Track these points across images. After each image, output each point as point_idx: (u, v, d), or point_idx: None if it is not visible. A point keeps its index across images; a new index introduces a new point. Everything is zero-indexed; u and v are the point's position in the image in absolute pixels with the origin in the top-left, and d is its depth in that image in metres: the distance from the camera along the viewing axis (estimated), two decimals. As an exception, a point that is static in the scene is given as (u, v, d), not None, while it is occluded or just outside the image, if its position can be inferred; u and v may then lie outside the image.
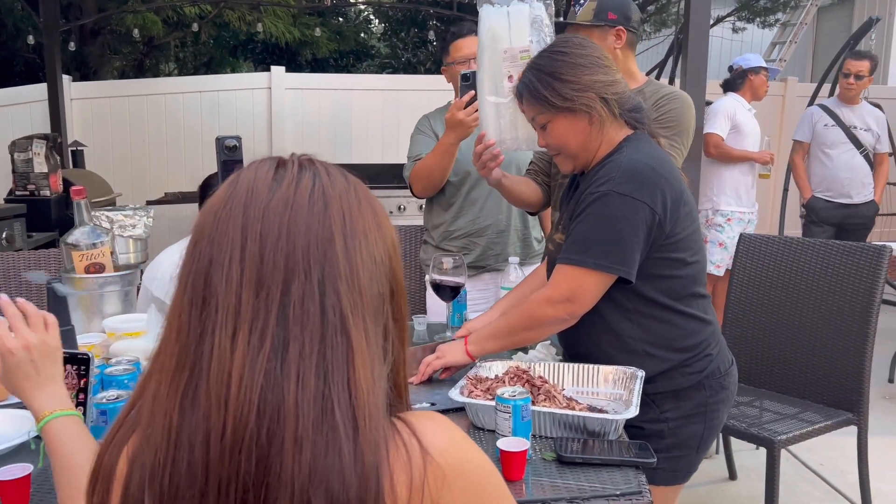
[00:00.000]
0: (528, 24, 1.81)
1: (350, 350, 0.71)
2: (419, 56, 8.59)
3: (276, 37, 7.13)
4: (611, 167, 1.46)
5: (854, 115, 4.49)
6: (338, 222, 0.74)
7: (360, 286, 0.73)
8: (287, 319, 0.70)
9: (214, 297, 0.72)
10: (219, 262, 0.73)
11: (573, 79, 1.48)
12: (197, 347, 0.72)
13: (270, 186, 0.75)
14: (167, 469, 0.70)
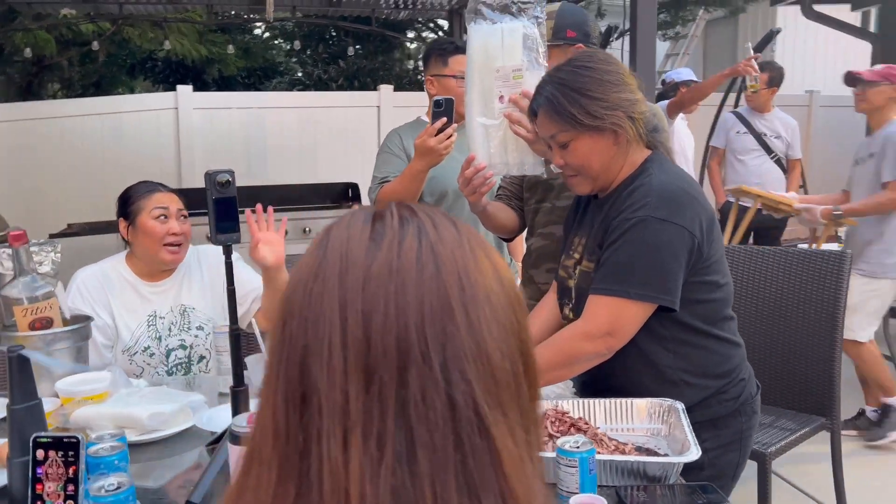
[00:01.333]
0: (522, 43, 1.71)
1: (495, 453, 0.55)
2: (330, 73, 8.39)
3: (181, 55, 6.76)
4: (644, 191, 1.38)
5: (765, 123, 4.67)
6: (454, 288, 0.58)
7: (491, 366, 0.57)
8: (408, 418, 0.54)
9: (316, 394, 0.56)
10: (316, 348, 0.56)
11: (602, 96, 1.39)
12: (302, 459, 0.56)
13: (368, 249, 0.58)
14: None
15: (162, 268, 2.08)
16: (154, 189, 2.11)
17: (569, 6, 2.01)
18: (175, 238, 2.04)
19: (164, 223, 2.03)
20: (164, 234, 2.02)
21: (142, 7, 5.45)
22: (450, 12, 5.85)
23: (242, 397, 1.31)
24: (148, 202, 2.05)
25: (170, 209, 2.05)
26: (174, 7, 5.52)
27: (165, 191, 2.12)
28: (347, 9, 5.71)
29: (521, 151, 1.75)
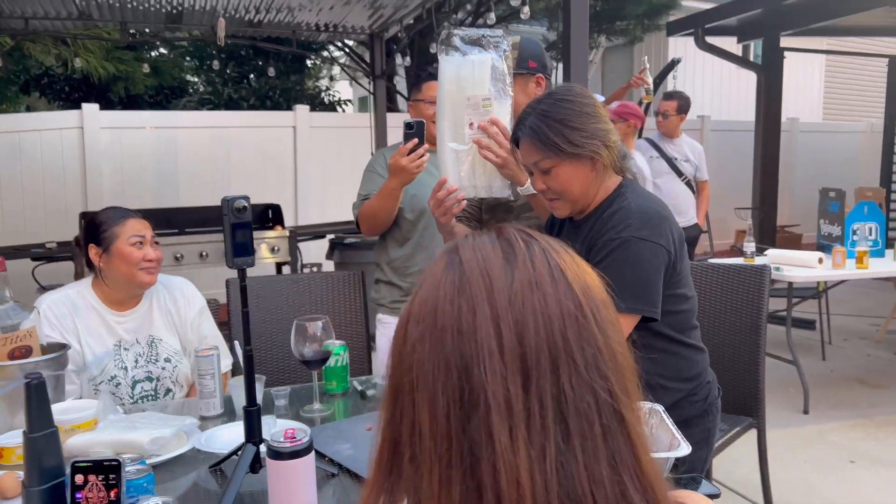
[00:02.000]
0: (490, 75, 1.82)
1: (628, 433, 0.66)
2: (241, 92, 8.26)
3: (87, 72, 6.50)
4: (624, 213, 1.51)
5: (674, 148, 5.02)
6: (582, 297, 0.69)
7: (616, 360, 0.68)
8: (563, 411, 0.63)
9: (481, 395, 0.64)
10: (475, 356, 0.64)
11: (581, 126, 1.52)
12: (470, 451, 0.64)
13: (505, 267, 0.68)
14: None
15: (135, 293, 2.07)
16: (126, 215, 2.08)
17: (528, 40, 2.15)
18: (150, 264, 2.03)
19: (140, 249, 2.02)
20: (141, 260, 2.02)
21: (49, 23, 5.20)
22: (370, 36, 5.94)
23: (256, 416, 1.33)
24: (123, 229, 2.03)
25: (146, 237, 2.05)
26: (84, 24, 5.32)
27: (137, 217, 2.11)
28: (268, 30, 5.68)
29: (490, 175, 1.85)
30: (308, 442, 1.14)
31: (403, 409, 0.68)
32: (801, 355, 4.25)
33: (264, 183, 6.96)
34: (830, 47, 11.04)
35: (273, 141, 7.16)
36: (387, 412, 0.70)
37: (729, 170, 8.98)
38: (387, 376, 0.71)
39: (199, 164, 6.91)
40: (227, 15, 5.32)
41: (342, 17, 5.57)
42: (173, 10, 5.12)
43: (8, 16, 4.99)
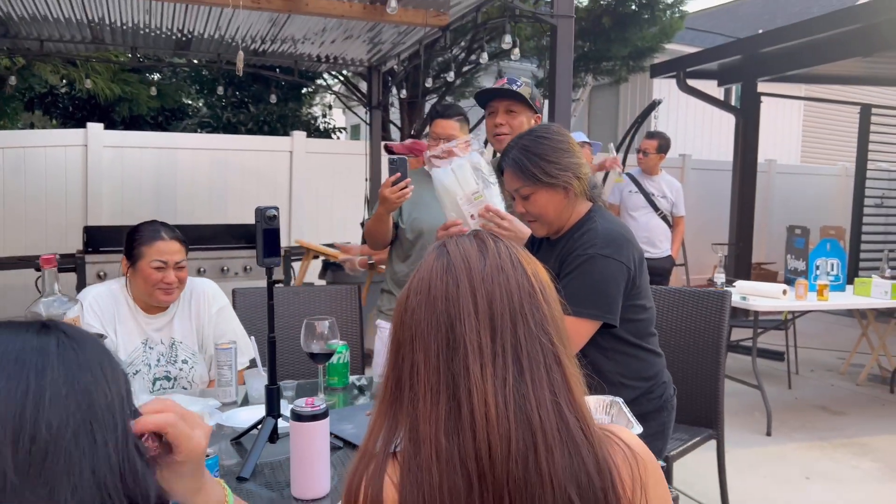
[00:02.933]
0: (472, 172, 2.13)
1: (565, 373, 0.93)
2: (240, 116, 8.54)
3: (93, 92, 6.75)
4: (591, 234, 1.77)
5: (653, 184, 5.32)
6: (532, 278, 0.96)
7: (555, 321, 0.96)
8: (519, 356, 0.91)
9: (461, 342, 0.90)
10: (458, 315, 0.91)
11: (556, 160, 1.79)
12: (453, 380, 0.89)
13: (479, 256, 0.96)
14: (444, 487, 0.86)
15: (157, 304, 2.24)
16: (156, 237, 2.18)
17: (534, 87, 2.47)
18: (168, 286, 2.17)
19: (160, 272, 2.15)
20: (159, 282, 2.15)
21: (62, 45, 5.46)
22: (368, 68, 6.24)
23: (276, 393, 1.57)
24: (150, 250, 2.15)
25: (168, 262, 2.16)
26: (96, 47, 5.58)
27: (169, 238, 2.20)
28: (272, 59, 5.97)
29: None
30: (325, 408, 1.37)
31: (404, 355, 0.93)
32: (769, 384, 4.52)
33: (260, 204, 7.19)
34: (808, 93, 11.53)
35: (269, 165, 7.42)
36: (391, 360, 0.95)
37: (708, 207, 9.33)
38: (391, 334, 0.97)
39: (197, 185, 7.14)
40: (234, 44, 5.60)
41: (343, 51, 5.88)
42: (183, 37, 5.40)
43: (24, 37, 5.25)
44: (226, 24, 5.04)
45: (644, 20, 8.26)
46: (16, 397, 0.65)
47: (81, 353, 0.71)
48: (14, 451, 0.63)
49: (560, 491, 0.87)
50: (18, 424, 0.64)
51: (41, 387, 0.66)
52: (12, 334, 0.70)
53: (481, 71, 9.68)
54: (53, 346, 0.70)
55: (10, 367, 0.66)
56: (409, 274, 2.97)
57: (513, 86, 2.36)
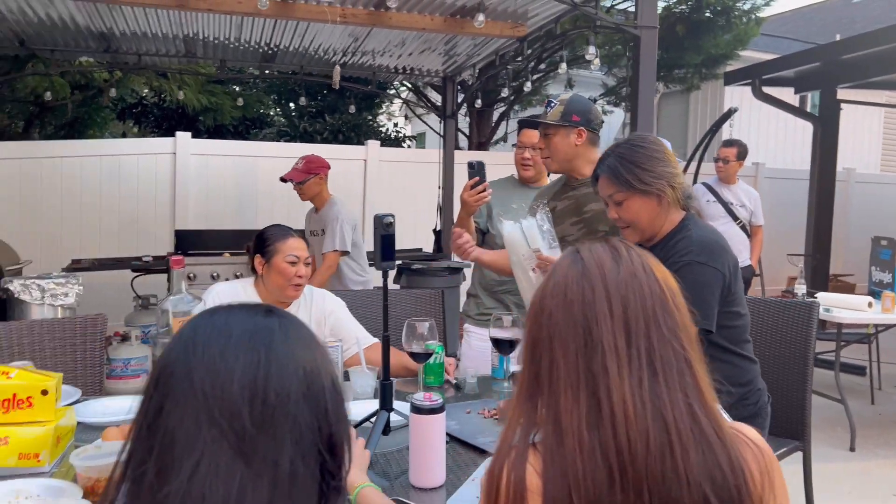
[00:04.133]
0: (538, 232, 2.27)
1: (696, 377, 1.00)
2: (315, 126, 8.81)
3: (183, 103, 7.10)
4: (687, 242, 1.83)
5: (731, 193, 5.28)
6: (663, 284, 1.04)
7: (686, 329, 1.03)
8: (653, 359, 0.98)
9: (599, 344, 0.98)
10: (594, 319, 0.99)
11: (650, 168, 1.85)
12: (592, 379, 0.97)
13: (613, 263, 1.03)
14: (588, 478, 0.93)
15: (285, 299, 2.41)
16: (287, 235, 2.42)
17: (578, 97, 2.50)
18: (300, 280, 2.37)
19: (294, 266, 2.36)
20: (293, 276, 2.36)
21: (157, 59, 5.78)
22: (443, 79, 6.37)
23: (389, 388, 1.68)
24: (283, 246, 2.37)
25: (300, 257, 2.38)
26: (188, 60, 5.88)
27: (296, 237, 2.44)
28: (351, 71, 6.16)
29: None
30: (441, 403, 1.47)
31: (542, 354, 1.02)
32: (851, 398, 4.42)
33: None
34: (890, 100, 11.15)
35: (344, 172, 7.63)
36: (528, 357, 1.04)
37: (781, 216, 9.12)
38: (526, 333, 1.06)
39: (276, 191, 7.39)
40: (315, 56, 5.82)
41: (419, 62, 6.03)
42: (269, 50, 5.64)
43: (124, 52, 5.57)
44: (310, 38, 5.25)
45: (719, 27, 8.17)
46: (251, 368, 0.79)
47: (299, 334, 0.84)
48: (250, 410, 0.77)
49: (696, 488, 0.93)
50: (253, 390, 0.78)
51: (269, 361, 0.80)
52: (245, 315, 0.84)
53: (550, 79, 9.73)
54: (276, 326, 0.83)
55: (245, 342, 0.80)
56: (500, 280, 3.08)
57: (547, 108, 2.41)
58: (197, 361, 0.79)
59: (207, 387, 0.77)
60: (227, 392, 0.77)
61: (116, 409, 1.93)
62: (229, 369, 0.78)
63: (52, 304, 4.37)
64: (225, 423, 0.76)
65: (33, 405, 1.56)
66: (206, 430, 0.76)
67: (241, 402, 0.77)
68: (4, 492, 1.32)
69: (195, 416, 0.76)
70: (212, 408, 0.76)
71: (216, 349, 0.79)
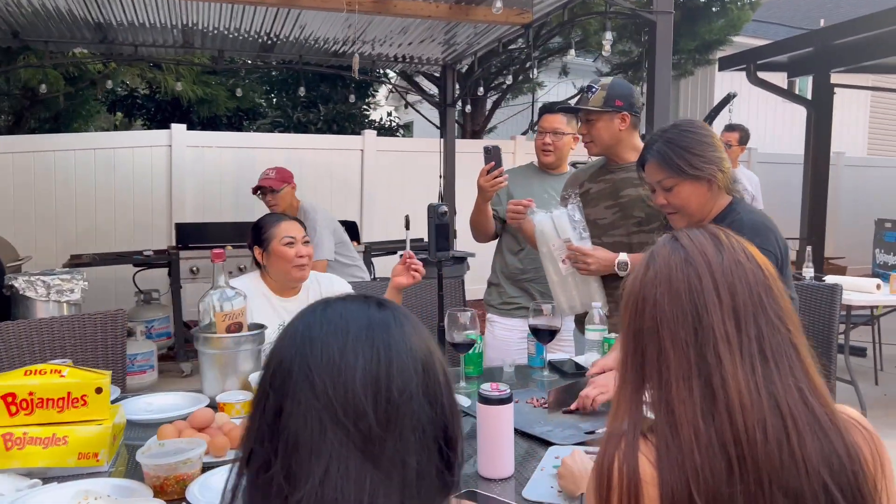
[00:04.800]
0: (568, 223, 2.30)
1: (804, 363, 0.99)
2: (309, 116, 8.73)
3: (177, 94, 6.99)
4: (737, 226, 1.82)
5: (733, 177, 5.30)
6: (766, 271, 1.03)
7: (790, 314, 1.02)
8: (763, 346, 0.97)
9: (710, 332, 0.97)
10: (704, 306, 0.98)
11: (700, 153, 1.84)
12: (705, 367, 0.96)
13: (715, 250, 1.02)
14: (706, 468, 0.92)
15: (292, 284, 2.39)
16: (280, 219, 2.43)
17: (619, 81, 2.47)
18: (301, 259, 2.35)
19: (292, 248, 2.34)
20: (293, 257, 2.33)
21: (153, 50, 5.69)
22: (443, 67, 6.33)
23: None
24: (277, 231, 2.37)
25: (296, 237, 2.36)
26: (185, 51, 5.79)
27: (288, 220, 2.44)
28: (350, 60, 6.10)
29: (584, 294, 2.36)
30: (509, 394, 1.46)
31: (647, 343, 1.01)
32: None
33: (332, 201, 7.37)
34: (876, 84, 11.23)
35: (341, 163, 7.58)
36: (630, 347, 1.03)
37: (773, 201, 9.17)
38: (626, 324, 1.04)
39: (273, 183, 7.34)
40: (315, 46, 5.76)
41: (419, 51, 5.98)
42: (268, 40, 5.57)
43: (120, 42, 5.48)
44: (311, 28, 5.19)
45: (713, 13, 8.18)
46: (372, 366, 0.76)
47: (412, 326, 0.82)
48: (375, 409, 0.75)
49: (815, 475, 0.93)
50: (376, 388, 0.76)
51: (389, 356, 0.78)
52: (359, 309, 0.82)
53: (543, 68, 9.69)
54: (391, 319, 0.81)
55: (364, 338, 0.78)
56: (523, 268, 3.10)
57: (589, 93, 2.39)
58: (315, 360, 0.76)
59: (329, 387, 0.75)
60: (350, 392, 0.75)
61: (160, 406, 1.91)
62: (350, 368, 0.76)
63: (58, 300, 4.30)
64: (350, 425, 0.74)
65: (88, 403, 1.53)
66: (331, 433, 0.74)
67: (365, 401, 0.74)
68: (73, 492, 1.30)
69: (318, 418, 0.74)
70: (335, 409, 0.74)
71: (335, 347, 0.77)
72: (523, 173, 2.96)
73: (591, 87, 2.41)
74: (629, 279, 1.06)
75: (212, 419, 1.62)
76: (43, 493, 1.32)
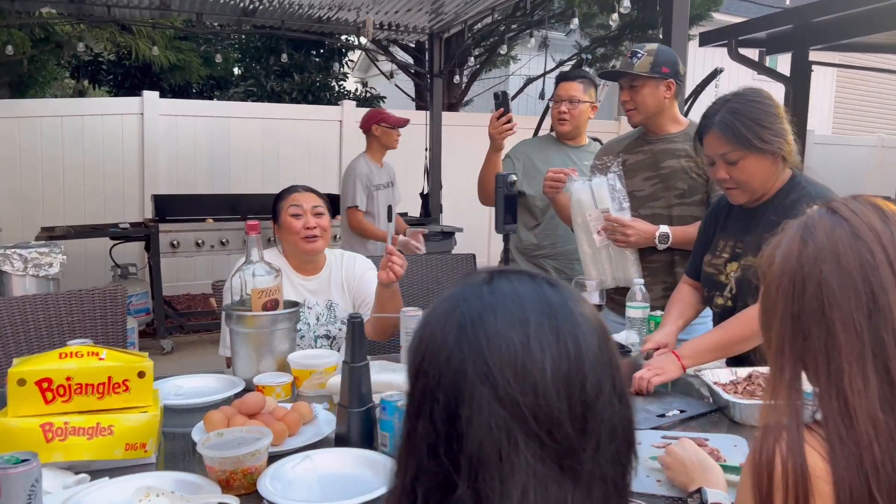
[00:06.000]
0: (608, 192, 2.22)
1: None
2: (283, 86, 8.46)
3: (150, 59, 6.67)
4: (806, 200, 1.73)
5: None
6: None
7: None
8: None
9: (886, 310, 0.87)
10: (879, 285, 0.87)
11: (770, 125, 1.76)
12: (882, 352, 0.88)
13: (882, 223, 0.92)
14: (888, 464, 0.84)
15: (307, 259, 2.24)
16: (291, 189, 2.30)
17: (664, 48, 2.39)
18: (310, 231, 2.18)
19: (299, 219, 2.19)
20: (300, 229, 2.18)
21: (127, 11, 5.40)
22: (430, 35, 6.16)
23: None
24: (286, 202, 2.24)
25: (304, 206, 2.21)
26: (160, 13, 5.52)
27: (302, 190, 2.30)
28: (334, 27, 5.90)
29: (620, 267, 2.29)
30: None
31: (811, 327, 0.91)
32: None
33: (310, 173, 7.17)
34: (842, 61, 11.38)
35: (319, 134, 7.36)
36: (789, 331, 0.93)
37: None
38: (781, 306, 0.95)
39: (250, 154, 7.11)
40: (299, 12, 5.53)
41: (405, 19, 5.80)
42: (249, 4, 5.33)
43: (91, 2, 5.18)
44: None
45: (696, -13, 8.12)
46: (562, 362, 0.66)
47: (586, 307, 0.72)
48: (570, 414, 0.64)
49: None
50: (569, 388, 0.65)
51: (578, 349, 0.67)
52: (531, 289, 0.70)
53: (519, 42, 9.54)
54: (567, 301, 0.70)
55: (546, 327, 0.67)
56: (539, 244, 3.03)
57: (633, 59, 2.30)
58: (494, 357, 0.64)
59: (515, 390, 0.63)
60: (540, 395, 0.64)
61: (191, 390, 1.77)
62: (537, 365, 0.64)
63: (36, 274, 4.08)
64: (544, 435, 0.63)
65: (130, 389, 1.39)
66: (523, 444, 0.63)
67: (559, 405, 0.64)
68: (133, 488, 1.17)
69: (506, 428, 0.63)
70: (525, 416, 0.63)
71: (515, 340, 0.65)
72: (541, 144, 2.86)
73: (637, 53, 2.32)
74: (778, 256, 0.97)
75: (262, 404, 1.49)
76: (98, 490, 1.19)
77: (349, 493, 1.20)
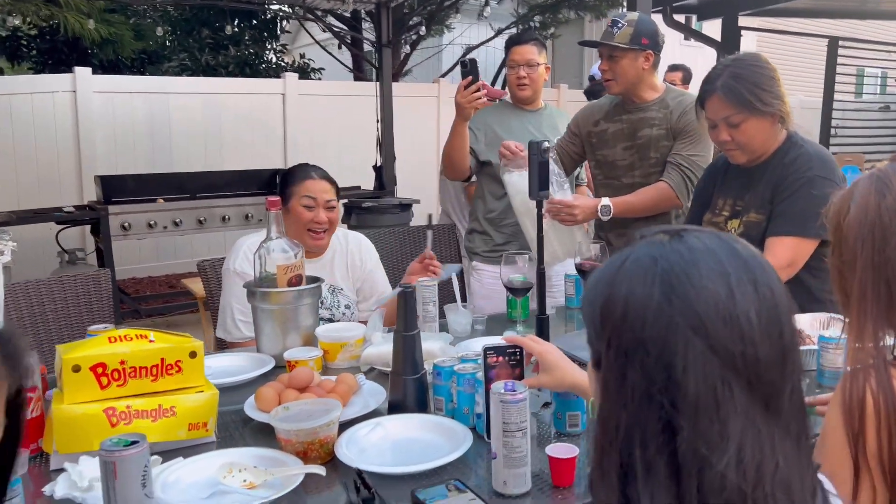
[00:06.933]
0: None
1: None
2: (219, 59, 8.19)
3: (79, 33, 6.33)
4: (806, 157, 1.86)
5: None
6: None
7: None
8: None
9: None
10: None
11: (769, 88, 1.85)
12: None
13: None
14: None
15: (309, 249, 2.16)
16: (307, 175, 2.18)
17: (645, 17, 2.45)
18: (319, 226, 2.14)
19: (311, 211, 2.13)
20: (309, 221, 2.12)
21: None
22: (377, 5, 6.08)
23: (545, 323, 1.62)
24: (300, 188, 2.14)
25: (318, 199, 2.14)
26: (94, -16, 5.24)
27: (318, 178, 2.19)
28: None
29: (564, 245, 2.35)
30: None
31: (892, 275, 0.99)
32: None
33: (254, 149, 7.02)
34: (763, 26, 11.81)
35: (262, 108, 7.19)
36: (869, 279, 1.01)
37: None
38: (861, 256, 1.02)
39: (191, 130, 6.88)
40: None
41: (353, -13, 5.71)
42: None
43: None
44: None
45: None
46: (763, 310, 0.70)
47: (756, 251, 0.76)
48: (776, 360, 0.69)
49: None
50: (771, 335, 0.69)
51: (775, 300, 0.71)
52: (718, 242, 0.73)
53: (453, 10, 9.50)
54: (740, 247, 0.73)
55: (742, 276, 0.70)
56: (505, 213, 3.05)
57: (614, 28, 2.36)
58: (704, 309, 0.68)
59: (727, 340, 0.67)
60: (748, 342, 0.68)
61: (220, 368, 1.76)
62: (745, 315, 0.68)
63: (-13, 263, 3.88)
64: (755, 381, 0.68)
65: (182, 370, 1.38)
66: (737, 390, 0.67)
67: (765, 351, 0.68)
68: (217, 465, 1.17)
69: (721, 375, 0.67)
70: (737, 363, 0.67)
71: (721, 293, 0.69)
72: (499, 111, 2.79)
73: (617, 22, 2.37)
74: (853, 209, 1.04)
75: (312, 378, 1.50)
76: (180, 469, 1.19)
77: (425, 456, 1.24)
